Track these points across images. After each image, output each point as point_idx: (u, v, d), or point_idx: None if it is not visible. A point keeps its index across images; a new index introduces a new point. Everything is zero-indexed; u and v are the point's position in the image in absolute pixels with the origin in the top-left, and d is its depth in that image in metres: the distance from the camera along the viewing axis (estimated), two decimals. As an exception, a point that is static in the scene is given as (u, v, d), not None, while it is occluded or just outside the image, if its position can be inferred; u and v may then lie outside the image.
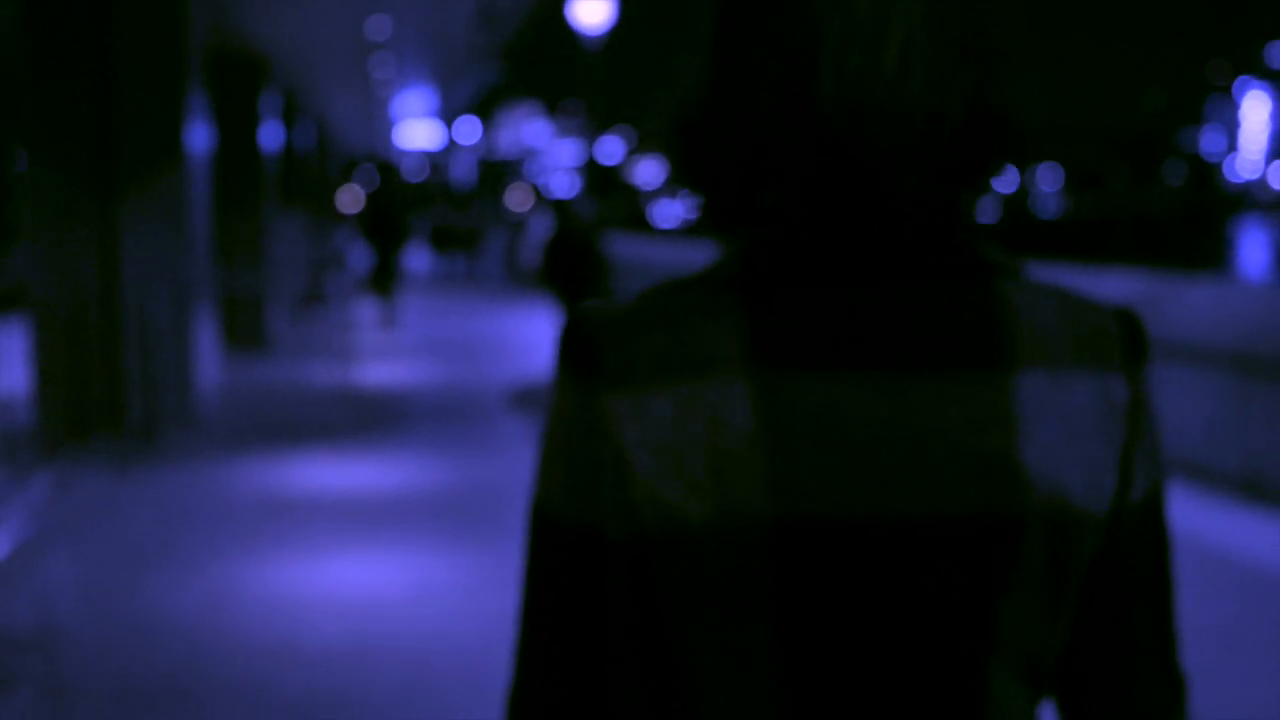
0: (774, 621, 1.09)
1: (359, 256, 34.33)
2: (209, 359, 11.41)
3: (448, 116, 46.18)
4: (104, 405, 10.48)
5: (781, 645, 1.10)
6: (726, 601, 1.09)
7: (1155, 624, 1.20)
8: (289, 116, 21.70)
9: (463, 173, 76.28)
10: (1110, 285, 10.58)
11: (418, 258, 40.17)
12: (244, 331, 16.52)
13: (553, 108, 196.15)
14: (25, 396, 11.09)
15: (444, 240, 37.91)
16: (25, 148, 10.31)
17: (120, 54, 10.50)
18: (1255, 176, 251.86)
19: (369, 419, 11.69)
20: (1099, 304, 1.18)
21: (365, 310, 23.82)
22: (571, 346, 1.14)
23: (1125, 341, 1.17)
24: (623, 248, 22.43)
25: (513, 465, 9.51)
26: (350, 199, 51.44)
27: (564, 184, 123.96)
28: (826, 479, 1.09)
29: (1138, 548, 1.18)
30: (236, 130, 16.74)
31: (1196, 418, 9.07)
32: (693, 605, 1.10)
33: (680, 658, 1.12)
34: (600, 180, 54.60)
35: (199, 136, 11.09)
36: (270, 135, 17.58)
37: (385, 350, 17.36)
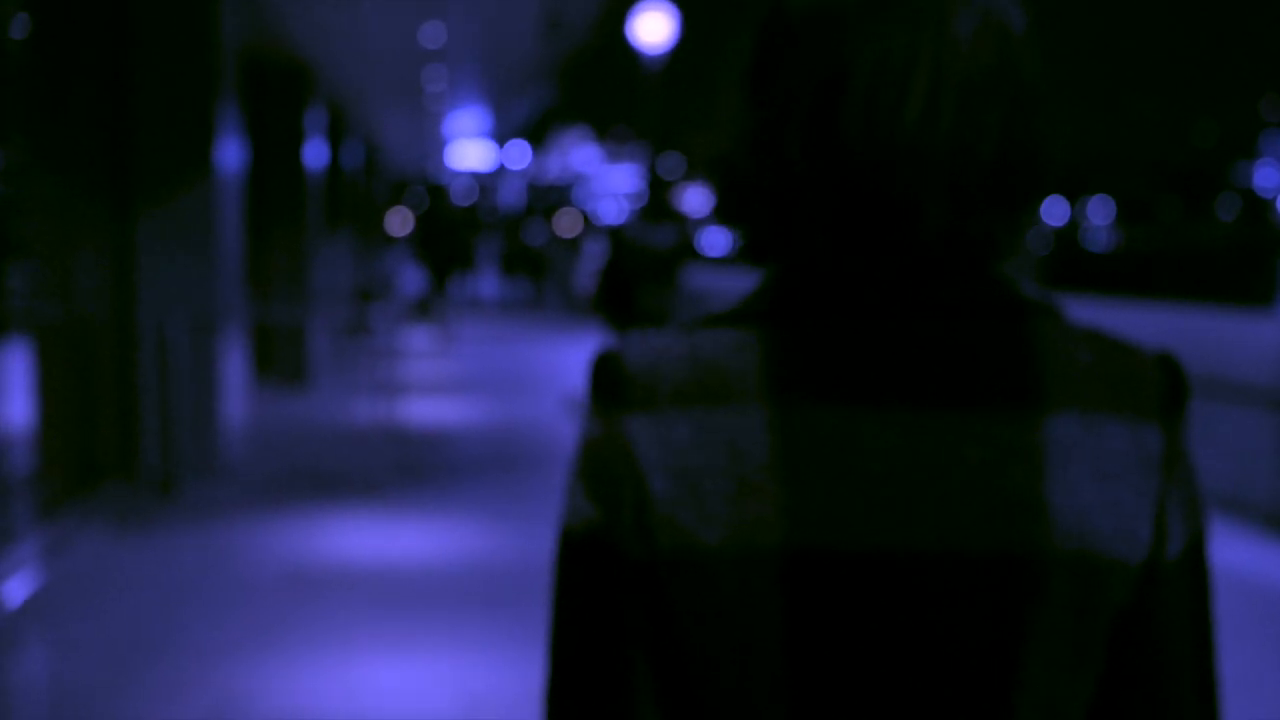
0: (787, 651, 1.09)
1: (410, 281, 33.05)
2: (237, 397, 10.13)
3: (500, 138, 45.17)
4: (115, 450, 9.21)
5: (795, 675, 1.09)
6: (740, 629, 1.09)
7: (1193, 683, 1.15)
8: (335, 132, 20.51)
9: (512, 197, 75.45)
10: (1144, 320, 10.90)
11: (485, 282, 38.65)
12: (282, 364, 15.27)
13: (602, 133, 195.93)
14: (24, 438, 9.80)
15: (513, 264, 36.23)
16: (32, 154, 9.05)
17: (140, 54, 9.28)
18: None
19: (415, 469, 10.37)
20: (1139, 348, 1.17)
21: (416, 338, 22.57)
22: (599, 374, 1.16)
23: (1164, 389, 1.15)
24: (701, 279, 22.11)
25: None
26: (399, 221, 50.54)
27: (613, 210, 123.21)
28: (843, 511, 1.09)
29: (1175, 603, 1.14)
30: (277, 145, 15.52)
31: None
32: (708, 631, 1.11)
33: (696, 682, 1.12)
34: (658, 205, 53.17)
35: (230, 149, 9.85)
36: (315, 152, 16.36)
37: (436, 384, 16.07)
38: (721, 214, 1.21)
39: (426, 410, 13.68)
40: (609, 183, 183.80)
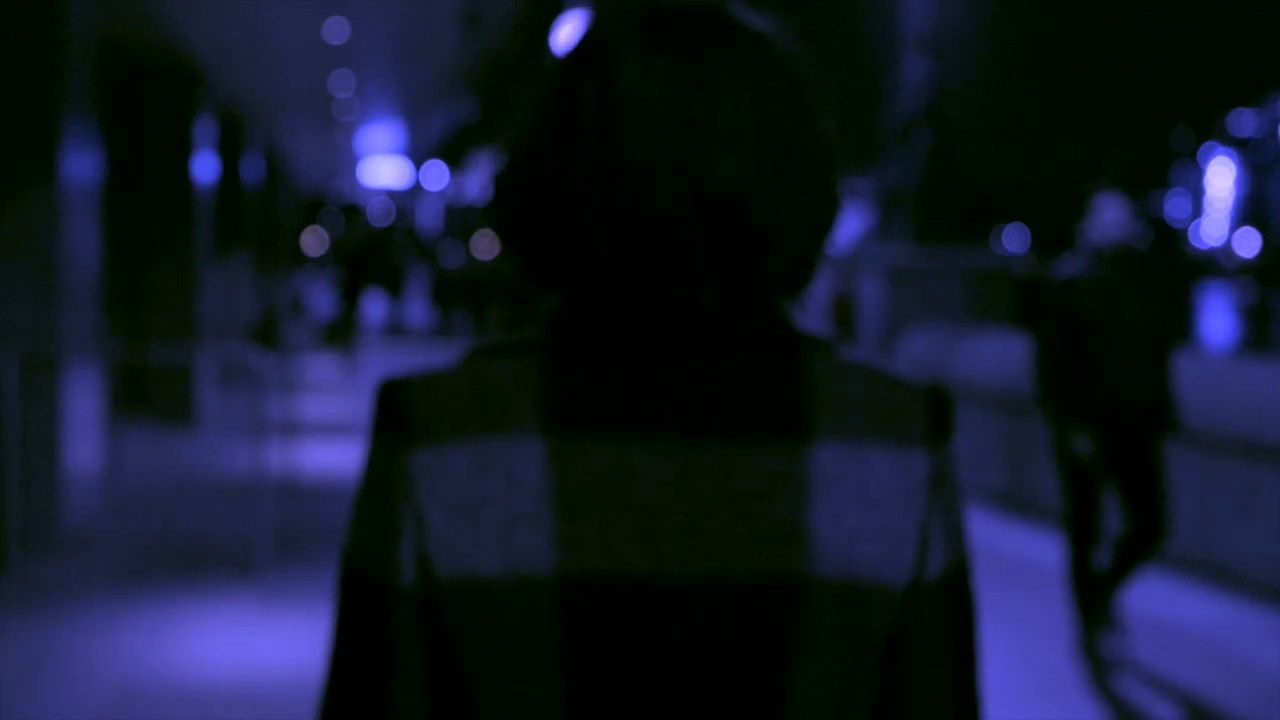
0: (565, 679, 1.11)
1: (320, 304, 31.18)
2: (86, 447, 8.43)
3: (416, 157, 43.55)
4: (-72, 519, 7.52)
5: (573, 701, 1.11)
6: (517, 657, 1.11)
7: (954, 703, 1.20)
8: (232, 144, 18.80)
9: (429, 218, 73.79)
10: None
11: (412, 308, 36.19)
12: (162, 402, 13.55)
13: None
14: None
15: (445, 292, 31.37)
16: None
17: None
18: (1220, 243, 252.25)
19: (302, 539, 8.73)
20: (908, 381, 1.21)
21: (320, 368, 20.86)
22: (384, 405, 1.17)
23: (930, 418, 1.19)
24: None
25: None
26: (315, 241, 48.75)
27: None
28: (613, 539, 1.11)
29: (934, 623, 1.18)
30: (159, 156, 13.84)
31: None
32: (485, 659, 1.13)
33: (477, 709, 1.14)
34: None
35: (81, 158, 8.19)
36: (205, 165, 14.67)
37: (338, 424, 14.39)
38: (504, 234, 1.22)
39: (323, 457, 12.02)
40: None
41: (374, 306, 33.82)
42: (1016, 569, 8.37)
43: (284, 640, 6.48)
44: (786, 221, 1.16)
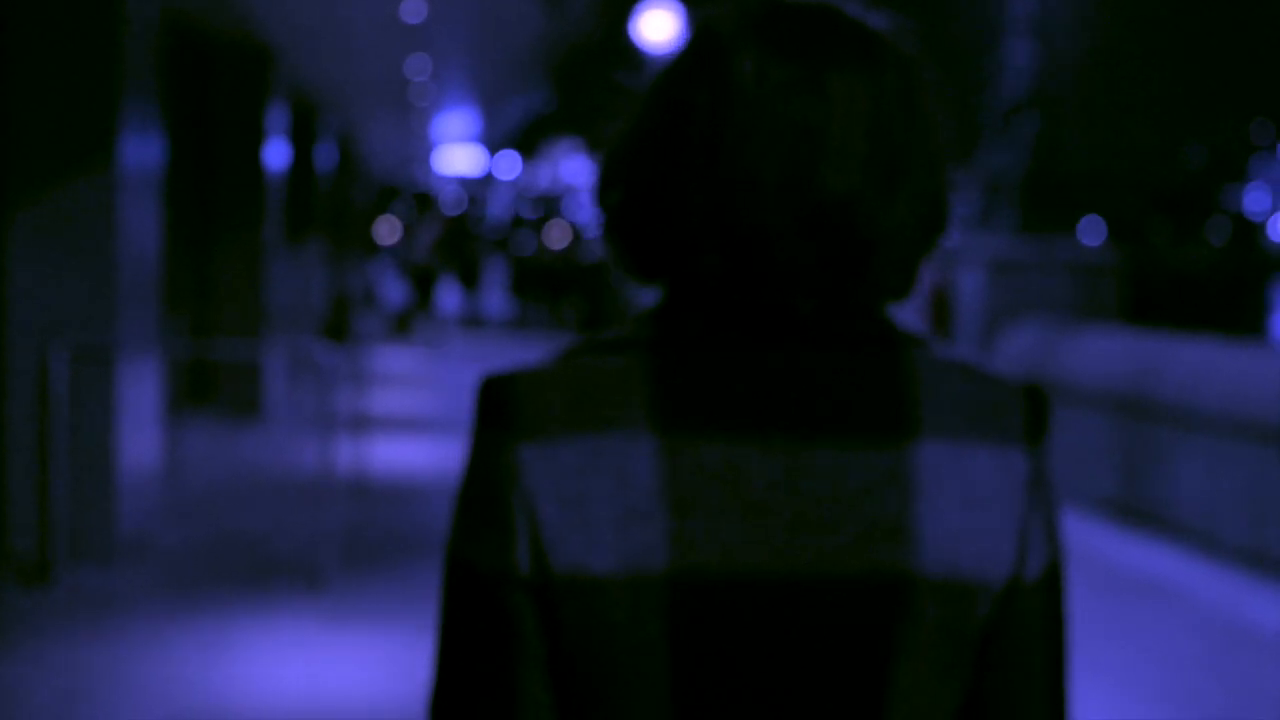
0: (672, 673, 1.12)
1: (393, 293, 30.68)
2: (145, 446, 7.94)
3: (490, 145, 43.13)
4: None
5: (680, 696, 1.13)
6: (627, 651, 1.12)
7: (1046, 700, 1.20)
8: (305, 130, 18.36)
9: (501, 207, 73.47)
10: None
11: (491, 299, 35.24)
12: (229, 395, 13.10)
13: (595, 144, 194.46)
14: None
15: (526, 283, 30.58)
16: None
17: (16, 20, 7.15)
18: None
19: (373, 546, 8.21)
20: (1005, 379, 1.22)
21: (395, 359, 20.39)
22: (488, 400, 1.17)
23: (1028, 417, 1.20)
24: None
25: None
26: (388, 230, 48.53)
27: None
28: (725, 537, 1.13)
29: (1031, 622, 1.19)
30: (229, 142, 13.37)
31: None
32: (597, 652, 1.13)
33: (585, 702, 1.14)
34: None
35: (140, 140, 7.69)
36: (277, 151, 14.20)
37: (413, 420, 13.89)
38: (608, 227, 1.21)
39: (397, 454, 11.51)
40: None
41: (449, 297, 33.24)
42: (1128, 580, 7.73)
43: (352, 662, 5.94)
44: (893, 231, 1.15)
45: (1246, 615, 7.28)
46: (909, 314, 13.99)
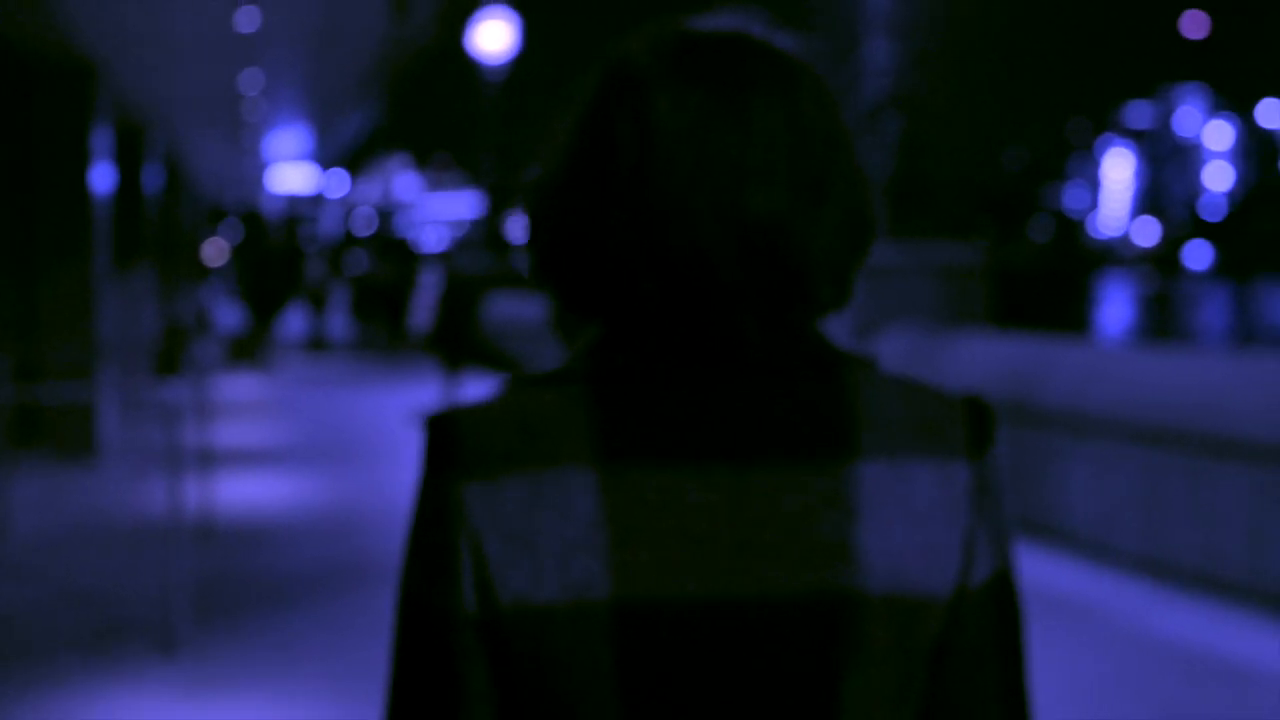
0: (621, 701, 1.12)
1: (227, 317, 29.57)
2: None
3: (323, 163, 42.21)
4: None
5: None
6: (576, 680, 1.13)
7: (1002, 705, 1.21)
8: (133, 151, 17.46)
9: (331, 225, 72.46)
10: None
11: (333, 321, 33.92)
12: (58, 434, 12.25)
13: (424, 161, 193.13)
14: None
15: (364, 304, 29.39)
16: None
17: None
18: (1118, 234, 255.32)
19: (237, 594, 7.55)
20: (947, 394, 1.22)
21: (236, 386, 19.53)
22: (432, 442, 1.18)
23: (970, 429, 1.21)
24: (503, 307, 21.00)
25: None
26: (215, 252, 47.31)
27: (435, 238, 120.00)
28: (667, 565, 1.13)
29: (980, 630, 1.20)
30: (51, 163, 12.54)
31: None
32: (546, 683, 1.13)
33: None
34: (494, 231, 50.11)
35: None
36: (103, 174, 13.38)
37: (260, 452, 13.15)
38: (539, 267, 1.22)
39: (249, 491, 10.80)
40: (431, 210, 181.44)
41: (293, 320, 32.16)
42: (1029, 597, 7.41)
43: (216, 739, 5.32)
44: (824, 247, 1.17)
45: (1153, 627, 7.00)
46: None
